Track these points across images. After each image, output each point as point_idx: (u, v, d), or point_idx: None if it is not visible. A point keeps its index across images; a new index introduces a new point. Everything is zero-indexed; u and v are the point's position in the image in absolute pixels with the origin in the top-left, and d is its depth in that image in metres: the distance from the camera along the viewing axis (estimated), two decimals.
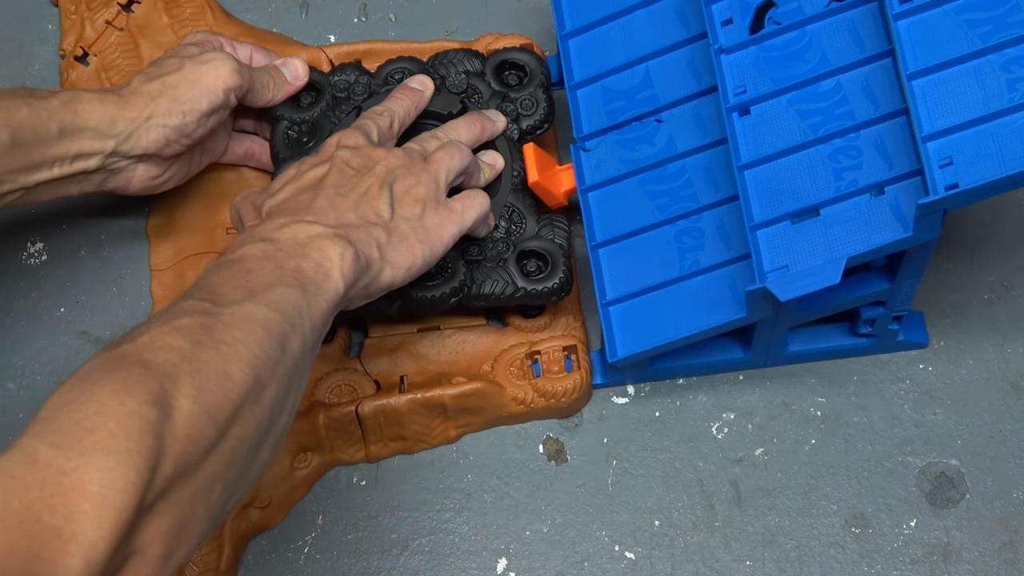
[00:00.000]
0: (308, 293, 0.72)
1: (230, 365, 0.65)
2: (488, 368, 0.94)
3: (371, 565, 0.92)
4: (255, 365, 0.66)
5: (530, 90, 0.95)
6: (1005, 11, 0.77)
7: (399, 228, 0.81)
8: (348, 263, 0.75)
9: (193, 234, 0.99)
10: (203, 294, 0.69)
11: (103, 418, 0.59)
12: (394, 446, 0.94)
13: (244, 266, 0.73)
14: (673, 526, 0.93)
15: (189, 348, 0.64)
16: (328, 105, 0.94)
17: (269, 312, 0.69)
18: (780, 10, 0.86)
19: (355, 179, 0.81)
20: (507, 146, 0.93)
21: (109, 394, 0.60)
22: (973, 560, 0.91)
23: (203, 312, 0.67)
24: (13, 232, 1.01)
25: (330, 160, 0.82)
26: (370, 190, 0.81)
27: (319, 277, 0.73)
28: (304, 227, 0.76)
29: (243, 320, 0.68)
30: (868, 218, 0.81)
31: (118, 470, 0.58)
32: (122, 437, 0.59)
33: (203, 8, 1.04)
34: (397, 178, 0.82)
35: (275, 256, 0.73)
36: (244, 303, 0.69)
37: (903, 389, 0.95)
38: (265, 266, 0.72)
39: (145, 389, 0.61)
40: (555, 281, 0.90)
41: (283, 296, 0.70)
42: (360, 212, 0.80)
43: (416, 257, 0.81)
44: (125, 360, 0.63)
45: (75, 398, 0.60)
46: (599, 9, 0.94)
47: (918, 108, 0.78)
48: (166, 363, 0.63)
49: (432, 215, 0.83)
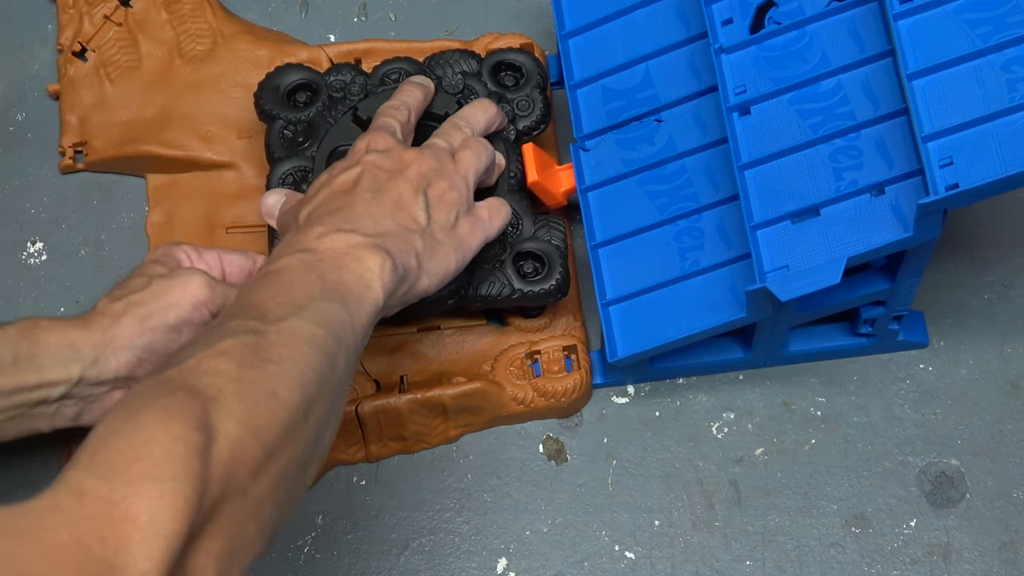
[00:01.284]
0: (350, 306, 0.72)
1: (277, 385, 0.65)
2: (488, 368, 0.94)
3: (371, 565, 0.92)
4: (302, 383, 0.66)
5: (526, 91, 0.95)
6: (1006, 11, 0.77)
7: (434, 235, 0.80)
8: (388, 273, 0.74)
9: (193, 233, 0.99)
10: (248, 312, 0.69)
11: (149, 446, 0.58)
12: (394, 446, 0.94)
13: (285, 279, 0.72)
14: (673, 526, 0.93)
15: (235, 370, 0.64)
16: (324, 105, 0.94)
17: (315, 328, 0.68)
18: (780, 10, 0.86)
19: (389, 183, 0.80)
20: (504, 147, 0.93)
21: (154, 421, 0.59)
22: (973, 560, 0.91)
23: (248, 331, 0.67)
24: (13, 232, 1.01)
25: (361, 164, 0.81)
26: (404, 195, 0.80)
27: (360, 289, 0.73)
28: (343, 236, 0.75)
29: (289, 337, 0.67)
30: (868, 218, 0.81)
31: (166, 498, 0.57)
32: (168, 465, 0.58)
33: (202, 5, 1.04)
34: (431, 183, 0.82)
35: (316, 267, 0.73)
36: (289, 319, 0.68)
37: (903, 389, 0.95)
38: (307, 278, 0.72)
39: (190, 414, 0.60)
40: (552, 283, 0.90)
41: (327, 311, 0.70)
42: (397, 219, 0.79)
43: (450, 264, 0.81)
44: (170, 385, 0.62)
45: (120, 427, 0.59)
46: (599, 9, 0.94)
47: (918, 108, 0.78)
48: (211, 387, 0.62)
49: (463, 222, 0.83)
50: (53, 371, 0.80)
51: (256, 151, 0.98)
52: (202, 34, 1.03)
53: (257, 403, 0.63)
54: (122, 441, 0.58)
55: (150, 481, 0.57)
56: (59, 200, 1.02)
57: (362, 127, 0.93)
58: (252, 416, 0.63)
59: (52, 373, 0.80)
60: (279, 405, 0.64)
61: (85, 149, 1.01)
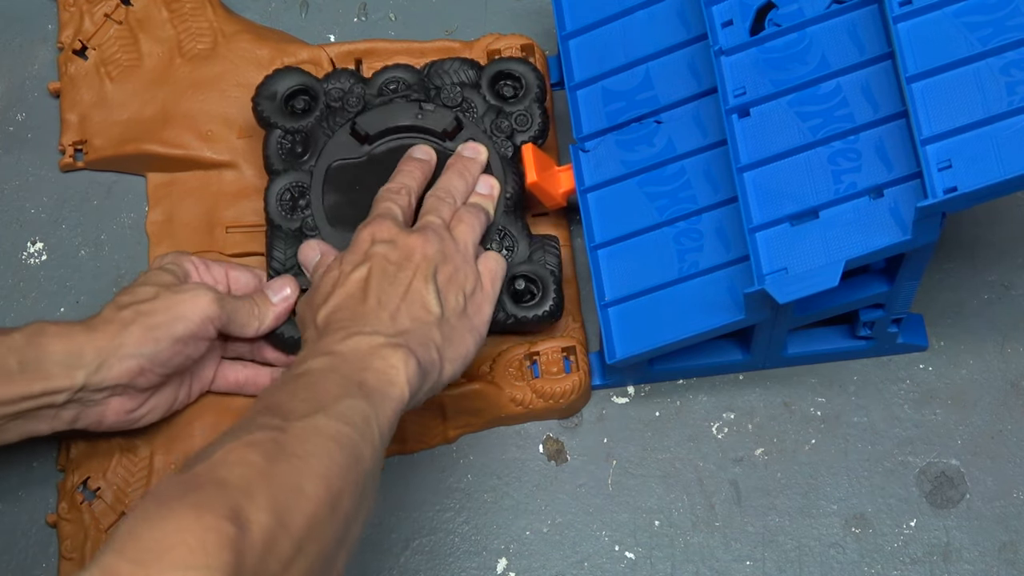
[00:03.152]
0: (375, 403, 0.73)
1: (303, 479, 0.66)
2: (487, 369, 0.94)
3: (371, 565, 0.92)
4: (328, 477, 0.67)
5: (525, 104, 0.94)
6: (1005, 14, 0.77)
7: (449, 322, 0.82)
8: (412, 370, 0.76)
9: (193, 233, 0.99)
10: (272, 411, 0.70)
11: (182, 535, 0.59)
12: (392, 447, 0.94)
13: (310, 379, 0.73)
14: (673, 526, 0.93)
15: (262, 463, 0.65)
16: (322, 114, 0.94)
17: (339, 425, 0.70)
18: (780, 12, 0.86)
19: (398, 275, 0.82)
20: (500, 165, 0.92)
21: (186, 511, 0.60)
22: (973, 560, 0.91)
23: (273, 427, 0.68)
24: (13, 232, 1.01)
25: (369, 258, 0.82)
26: (415, 285, 0.81)
27: (384, 386, 0.74)
28: (365, 339, 0.77)
29: (313, 433, 0.68)
30: (867, 221, 0.81)
31: None
32: (201, 553, 0.59)
33: (203, 3, 1.04)
34: (438, 268, 0.83)
35: (340, 368, 0.74)
36: (314, 416, 0.69)
37: (903, 389, 0.95)
38: (331, 378, 0.73)
39: (222, 505, 0.61)
40: (545, 308, 0.90)
41: (351, 408, 0.71)
42: (413, 313, 0.80)
43: (469, 348, 0.83)
44: (199, 479, 0.63)
45: (153, 515, 0.60)
46: (600, 10, 0.94)
47: (917, 111, 0.78)
48: (240, 479, 0.64)
49: (472, 301, 0.84)
50: (58, 379, 0.81)
51: (256, 151, 0.98)
52: (203, 33, 1.02)
53: (286, 496, 0.64)
54: (156, 529, 0.60)
55: (183, 569, 0.58)
56: (59, 200, 1.02)
57: (360, 141, 0.93)
58: (281, 508, 0.64)
59: (57, 381, 0.82)
60: (305, 500, 0.65)
61: (85, 147, 1.01)
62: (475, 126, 0.93)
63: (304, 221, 0.91)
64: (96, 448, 0.92)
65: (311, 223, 0.91)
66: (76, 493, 0.91)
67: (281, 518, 0.63)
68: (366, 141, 0.93)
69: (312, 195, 0.91)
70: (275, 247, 0.91)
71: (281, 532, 0.63)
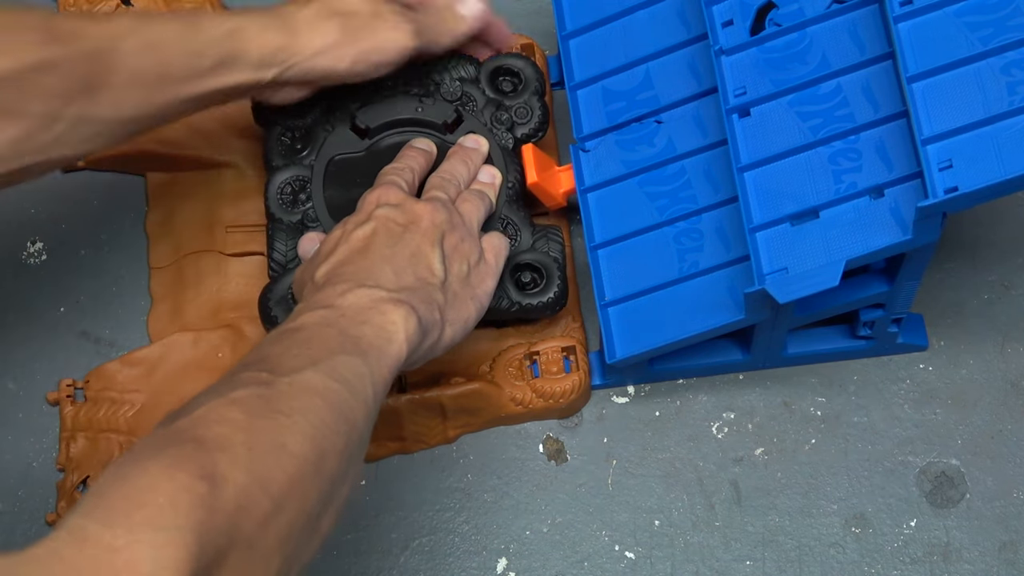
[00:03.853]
0: (370, 360, 0.72)
1: (287, 437, 0.64)
2: (487, 368, 0.94)
3: (371, 565, 0.92)
4: (314, 436, 0.66)
5: (524, 98, 0.94)
6: (1006, 14, 0.77)
7: (452, 287, 0.81)
8: (412, 327, 0.75)
9: (192, 232, 0.99)
10: (261, 364, 0.69)
11: (153, 494, 0.58)
12: (392, 446, 0.94)
13: (304, 334, 0.72)
14: (673, 526, 0.93)
15: (244, 420, 0.64)
16: (322, 111, 0.94)
17: (330, 382, 0.68)
18: (781, 12, 0.86)
19: (404, 236, 0.81)
20: (502, 156, 0.92)
21: (160, 470, 0.59)
22: (973, 560, 0.91)
23: (260, 383, 0.67)
24: (13, 232, 1.01)
25: (374, 218, 0.82)
26: (422, 248, 0.81)
27: (381, 342, 0.73)
28: (366, 292, 0.75)
29: (302, 391, 0.67)
30: (867, 221, 0.81)
31: (168, 547, 0.57)
32: (172, 513, 0.58)
33: (203, 2, 1.03)
34: (445, 234, 0.82)
35: (337, 323, 0.73)
36: (303, 372, 0.68)
37: (903, 389, 0.95)
38: (326, 333, 0.72)
39: (196, 463, 0.60)
40: (550, 295, 0.90)
41: (345, 364, 0.70)
42: (417, 273, 0.79)
43: (470, 314, 0.82)
44: (179, 436, 0.62)
45: (125, 474, 0.59)
46: (600, 9, 0.94)
47: (918, 111, 0.78)
48: (219, 436, 0.62)
49: (476, 271, 0.83)
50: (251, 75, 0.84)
51: (256, 150, 0.98)
52: None
53: (266, 454, 0.63)
54: (127, 488, 0.58)
55: (153, 529, 0.57)
56: (59, 200, 1.01)
57: (360, 135, 0.93)
58: (260, 466, 0.62)
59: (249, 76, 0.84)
60: (288, 458, 0.64)
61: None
62: (475, 119, 0.93)
63: (305, 213, 0.91)
64: (96, 447, 0.92)
65: (312, 215, 0.91)
66: (76, 492, 0.91)
67: (259, 477, 0.62)
68: (366, 135, 0.93)
69: (313, 188, 0.92)
70: (276, 239, 0.91)
71: (259, 491, 0.62)
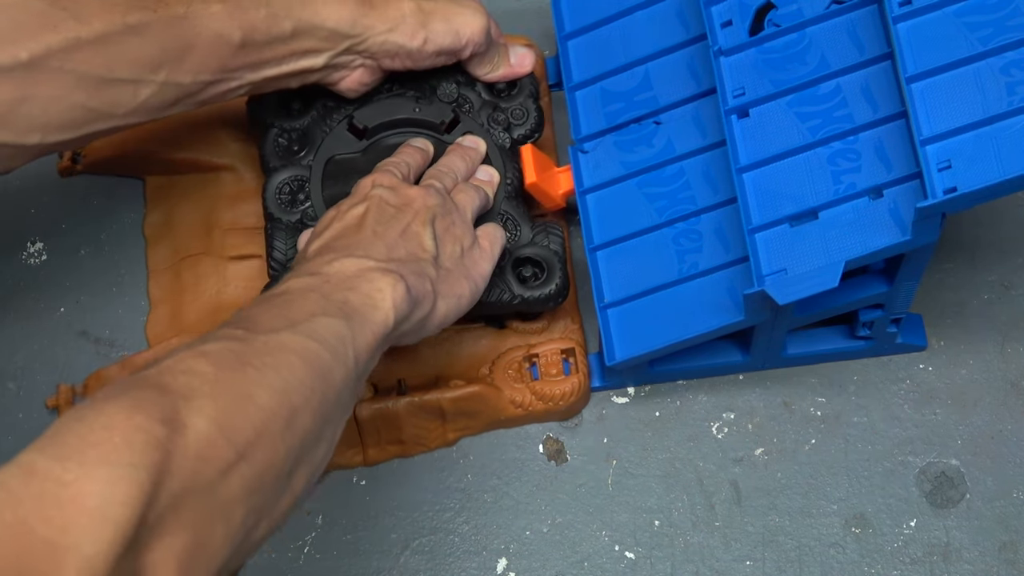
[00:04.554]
0: (354, 324, 0.71)
1: (255, 389, 0.64)
2: (486, 371, 0.94)
3: (371, 565, 0.92)
4: (286, 391, 0.65)
5: (520, 99, 0.94)
6: (1006, 14, 0.77)
7: (445, 264, 0.81)
8: (400, 295, 0.74)
9: (191, 234, 0.99)
10: (239, 324, 0.69)
11: (108, 432, 0.58)
12: (392, 449, 0.94)
13: (287, 297, 0.72)
14: (673, 526, 0.93)
15: (212, 372, 0.64)
16: (319, 113, 0.93)
17: (307, 341, 0.68)
18: (779, 12, 0.85)
19: (397, 215, 0.81)
20: (499, 155, 0.92)
21: (118, 410, 0.59)
22: (973, 560, 0.91)
23: (235, 338, 0.67)
24: (13, 232, 1.01)
25: (368, 199, 0.82)
26: (413, 226, 0.81)
27: (367, 308, 0.73)
28: (354, 261, 0.75)
29: (277, 348, 0.67)
30: (867, 221, 0.81)
31: (119, 484, 0.56)
32: (126, 451, 0.57)
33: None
34: (437, 216, 0.83)
35: (321, 288, 0.73)
36: (281, 332, 0.68)
37: (903, 389, 0.95)
38: (309, 297, 0.72)
39: (156, 407, 0.60)
40: (552, 287, 0.90)
41: (324, 326, 0.70)
42: (408, 247, 0.80)
43: (464, 292, 0.82)
44: (144, 381, 0.62)
45: (84, 415, 0.59)
46: (599, 10, 0.94)
47: (917, 111, 0.77)
48: (186, 385, 0.62)
49: (469, 254, 0.84)
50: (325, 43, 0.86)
51: (254, 153, 0.98)
52: None
53: (231, 403, 0.63)
54: (83, 426, 0.58)
55: (105, 465, 0.56)
56: (59, 200, 1.02)
57: (358, 136, 0.93)
58: (224, 415, 0.62)
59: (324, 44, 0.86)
60: (255, 409, 0.63)
61: (83, 151, 1.01)
62: (472, 120, 0.93)
63: (304, 213, 0.91)
64: None
65: (311, 214, 0.91)
66: None
67: (222, 425, 0.61)
68: (364, 136, 0.93)
69: (312, 187, 0.92)
70: (276, 238, 0.91)
71: (221, 439, 0.61)
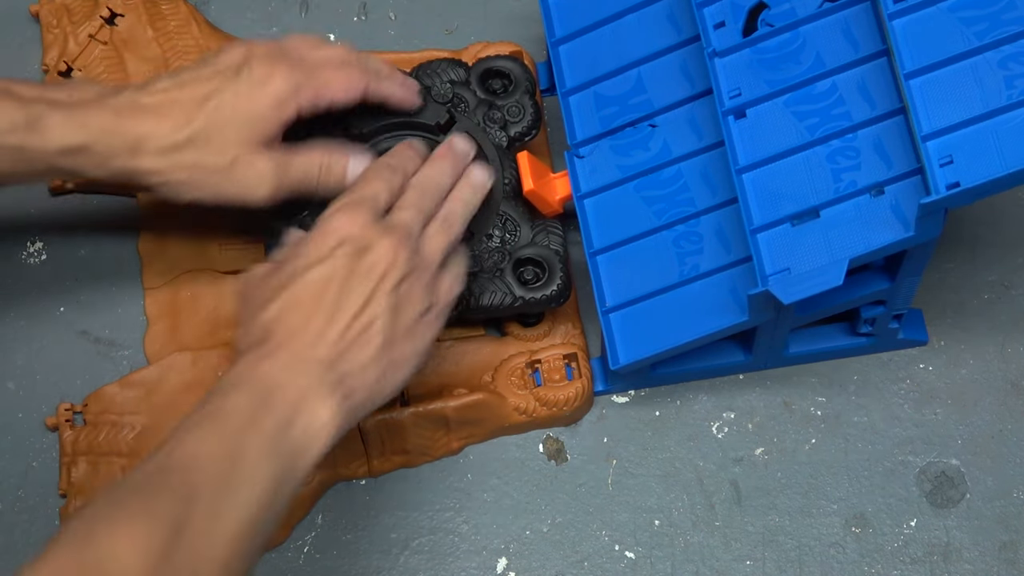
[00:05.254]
0: (296, 463, 0.74)
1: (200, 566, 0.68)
2: (489, 379, 0.93)
3: (371, 565, 0.92)
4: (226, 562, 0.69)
5: (516, 97, 0.94)
6: (1000, 8, 0.77)
7: (393, 346, 0.79)
8: (338, 424, 0.75)
9: (186, 250, 0.98)
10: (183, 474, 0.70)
11: None
12: (396, 460, 0.93)
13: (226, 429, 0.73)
14: (673, 526, 0.93)
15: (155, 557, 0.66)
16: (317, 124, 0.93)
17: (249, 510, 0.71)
18: (772, 12, 0.85)
19: (358, 286, 0.79)
20: (497, 154, 0.92)
21: None
22: (973, 560, 0.91)
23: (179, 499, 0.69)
24: (13, 232, 1.01)
25: (332, 260, 0.79)
26: (372, 302, 0.78)
27: (305, 448, 0.74)
28: (301, 370, 0.75)
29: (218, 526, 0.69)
30: (868, 218, 0.81)
31: None
32: None
33: (188, 20, 1.02)
34: (401, 279, 0.80)
35: (262, 421, 0.73)
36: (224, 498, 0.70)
37: (903, 389, 0.95)
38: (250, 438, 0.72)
39: None
40: (553, 288, 0.90)
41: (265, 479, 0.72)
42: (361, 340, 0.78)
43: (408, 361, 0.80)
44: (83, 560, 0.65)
45: None
46: (589, 15, 0.94)
47: (917, 107, 0.77)
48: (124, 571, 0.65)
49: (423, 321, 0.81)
50: None
51: None
52: (189, 51, 1.01)
53: None
54: None
55: None
56: (59, 200, 1.01)
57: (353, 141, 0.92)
58: None
59: None
60: None
61: None
62: (468, 119, 0.93)
63: (302, 222, 0.91)
64: (98, 471, 0.92)
65: (309, 223, 0.91)
66: None
67: None
68: (360, 140, 0.93)
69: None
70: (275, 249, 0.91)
71: None
